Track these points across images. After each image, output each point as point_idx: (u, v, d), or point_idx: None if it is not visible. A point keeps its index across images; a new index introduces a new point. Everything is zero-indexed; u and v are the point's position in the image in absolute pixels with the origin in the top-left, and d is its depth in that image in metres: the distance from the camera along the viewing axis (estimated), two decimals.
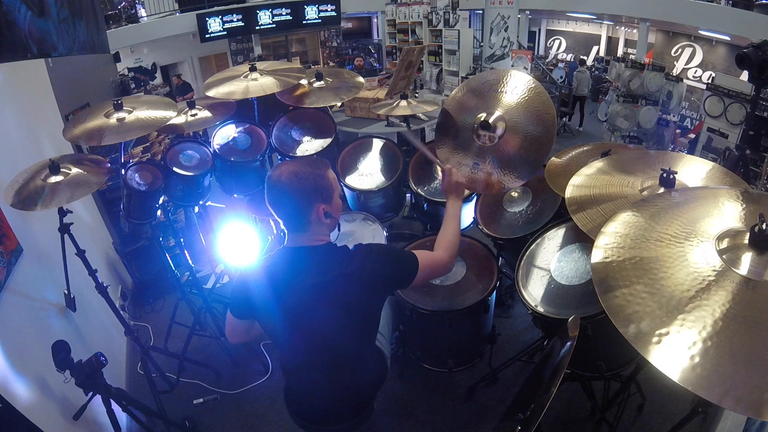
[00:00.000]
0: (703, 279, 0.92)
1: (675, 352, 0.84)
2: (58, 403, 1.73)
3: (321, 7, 9.87)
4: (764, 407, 0.75)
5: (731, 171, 1.53)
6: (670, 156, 1.69)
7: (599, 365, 1.66)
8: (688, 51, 7.96)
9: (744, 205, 1.07)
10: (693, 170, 1.55)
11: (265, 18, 9.43)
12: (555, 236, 1.89)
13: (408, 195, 2.81)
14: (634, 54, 7.98)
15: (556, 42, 12.44)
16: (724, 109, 4.29)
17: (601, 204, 1.47)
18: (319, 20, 10.01)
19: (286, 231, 1.28)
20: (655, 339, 0.86)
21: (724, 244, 0.97)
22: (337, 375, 1.36)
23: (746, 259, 0.92)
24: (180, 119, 2.31)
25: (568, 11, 9.94)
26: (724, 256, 0.94)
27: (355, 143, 2.76)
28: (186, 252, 2.57)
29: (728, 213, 1.06)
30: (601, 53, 11.33)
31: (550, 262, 1.78)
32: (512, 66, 7.93)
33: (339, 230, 1.36)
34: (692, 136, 5.73)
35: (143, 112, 2.00)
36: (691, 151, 5.08)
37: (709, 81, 5.24)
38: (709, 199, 1.14)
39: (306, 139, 2.60)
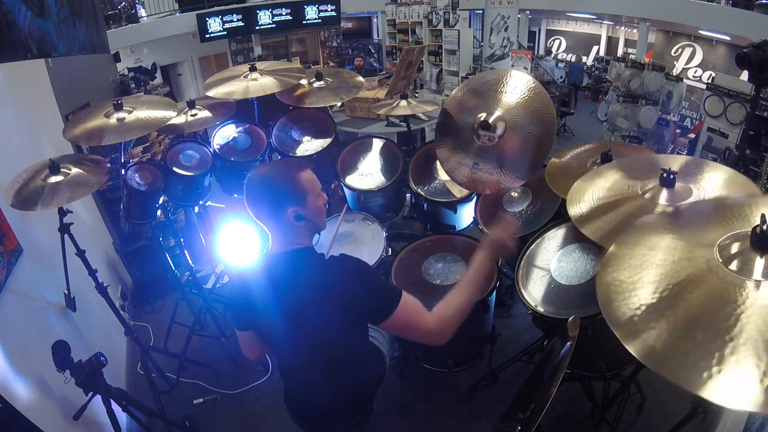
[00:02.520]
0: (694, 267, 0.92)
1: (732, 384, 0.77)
2: (58, 403, 1.73)
3: (321, 7, 9.85)
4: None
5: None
6: (681, 160, 1.61)
7: (599, 365, 1.66)
8: (688, 51, 7.96)
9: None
10: (711, 177, 1.46)
11: (265, 18, 9.42)
12: (555, 236, 1.89)
13: (408, 195, 2.81)
14: (634, 54, 7.98)
15: (556, 42, 12.43)
16: (724, 109, 4.29)
17: (607, 213, 1.44)
18: (319, 20, 9.99)
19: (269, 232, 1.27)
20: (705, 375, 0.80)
21: (728, 252, 0.95)
22: (336, 375, 1.36)
23: (742, 257, 0.91)
24: (180, 119, 2.31)
25: (568, 11, 9.93)
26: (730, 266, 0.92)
27: (355, 143, 2.76)
28: (186, 252, 2.58)
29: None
30: (601, 53, 11.32)
31: (550, 262, 1.78)
32: (512, 66, 7.93)
33: (320, 235, 1.32)
34: (692, 136, 5.73)
35: (143, 112, 2.00)
36: (691, 150, 5.08)
37: (709, 81, 5.24)
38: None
39: (306, 139, 2.60)
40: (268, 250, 1.27)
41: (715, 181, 1.44)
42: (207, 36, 8.87)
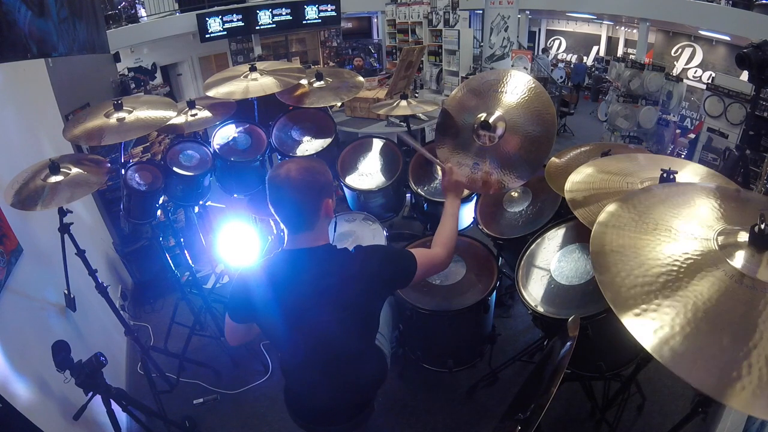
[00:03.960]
0: (695, 264, 0.94)
1: (652, 325, 0.86)
2: (58, 403, 1.73)
3: (321, 7, 9.86)
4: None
5: (731, 171, 1.53)
6: (667, 160, 1.68)
7: (599, 365, 1.66)
8: (688, 51, 7.96)
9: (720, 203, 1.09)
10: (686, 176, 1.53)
11: (265, 18, 9.43)
12: (555, 236, 1.89)
13: (408, 195, 2.81)
14: (634, 54, 7.98)
15: (556, 42, 12.43)
16: (724, 109, 4.28)
17: (601, 200, 1.47)
18: (319, 20, 10.00)
19: (287, 231, 1.26)
20: (639, 311, 0.89)
21: (723, 238, 0.97)
22: (337, 375, 1.36)
23: (741, 255, 0.93)
24: (180, 119, 2.31)
25: (568, 11, 9.94)
26: (722, 251, 0.95)
27: (355, 143, 2.76)
28: (186, 252, 2.57)
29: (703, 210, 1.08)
30: (601, 53, 11.32)
31: (550, 262, 1.78)
32: (512, 66, 7.93)
33: (335, 231, 1.37)
34: (692, 136, 5.72)
35: (143, 112, 2.00)
36: (691, 150, 5.08)
37: (709, 81, 5.23)
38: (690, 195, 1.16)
39: (306, 139, 2.59)
40: (284, 247, 1.28)
41: None
42: (207, 36, 8.88)
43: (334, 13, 10.07)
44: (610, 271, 0.97)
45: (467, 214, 2.50)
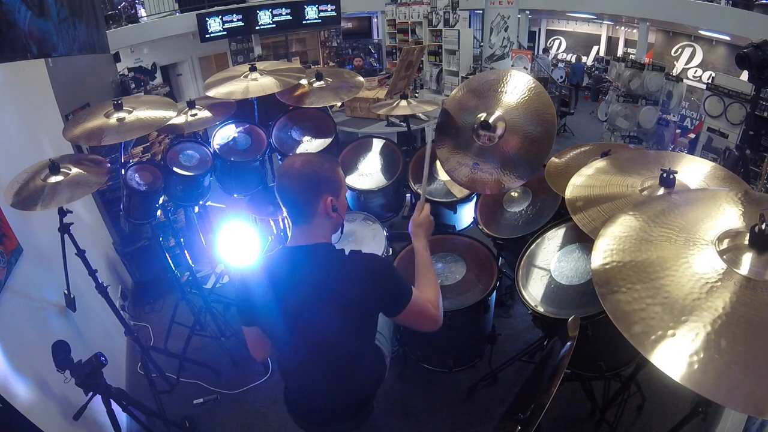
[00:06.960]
0: (705, 280, 0.92)
1: (679, 355, 0.83)
2: (58, 403, 1.73)
3: (321, 7, 9.85)
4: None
5: (731, 171, 1.53)
6: (669, 156, 1.69)
7: (599, 365, 1.66)
8: (688, 51, 7.95)
9: (743, 208, 1.07)
10: (693, 170, 1.54)
11: (265, 18, 9.43)
12: (555, 236, 1.89)
13: (408, 195, 2.81)
14: (634, 54, 7.97)
15: (556, 42, 12.43)
16: (724, 109, 4.29)
17: (602, 204, 1.47)
18: (319, 20, 9.99)
19: (290, 224, 1.27)
20: (659, 341, 0.86)
21: (724, 244, 0.97)
22: (336, 375, 1.36)
23: (747, 260, 0.92)
24: (180, 119, 2.31)
25: (568, 11, 9.93)
26: (724, 257, 0.94)
27: (355, 143, 2.76)
28: (186, 252, 2.58)
29: (728, 215, 1.06)
30: (601, 53, 11.32)
31: (550, 262, 1.78)
32: (512, 66, 7.93)
33: (342, 232, 1.36)
34: (692, 136, 5.73)
35: (143, 112, 2.00)
36: (691, 151, 5.08)
37: (709, 81, 5.24)
38: (708, 201, 1.14)
39: (306, 139, 2.59)
40: (286, 244, 1.28)
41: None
42: (207, 36, 8.87)
43: (334, 13, 10.06)
44: (628, 318, 0.92)
45: (467, 214, 2.50)
